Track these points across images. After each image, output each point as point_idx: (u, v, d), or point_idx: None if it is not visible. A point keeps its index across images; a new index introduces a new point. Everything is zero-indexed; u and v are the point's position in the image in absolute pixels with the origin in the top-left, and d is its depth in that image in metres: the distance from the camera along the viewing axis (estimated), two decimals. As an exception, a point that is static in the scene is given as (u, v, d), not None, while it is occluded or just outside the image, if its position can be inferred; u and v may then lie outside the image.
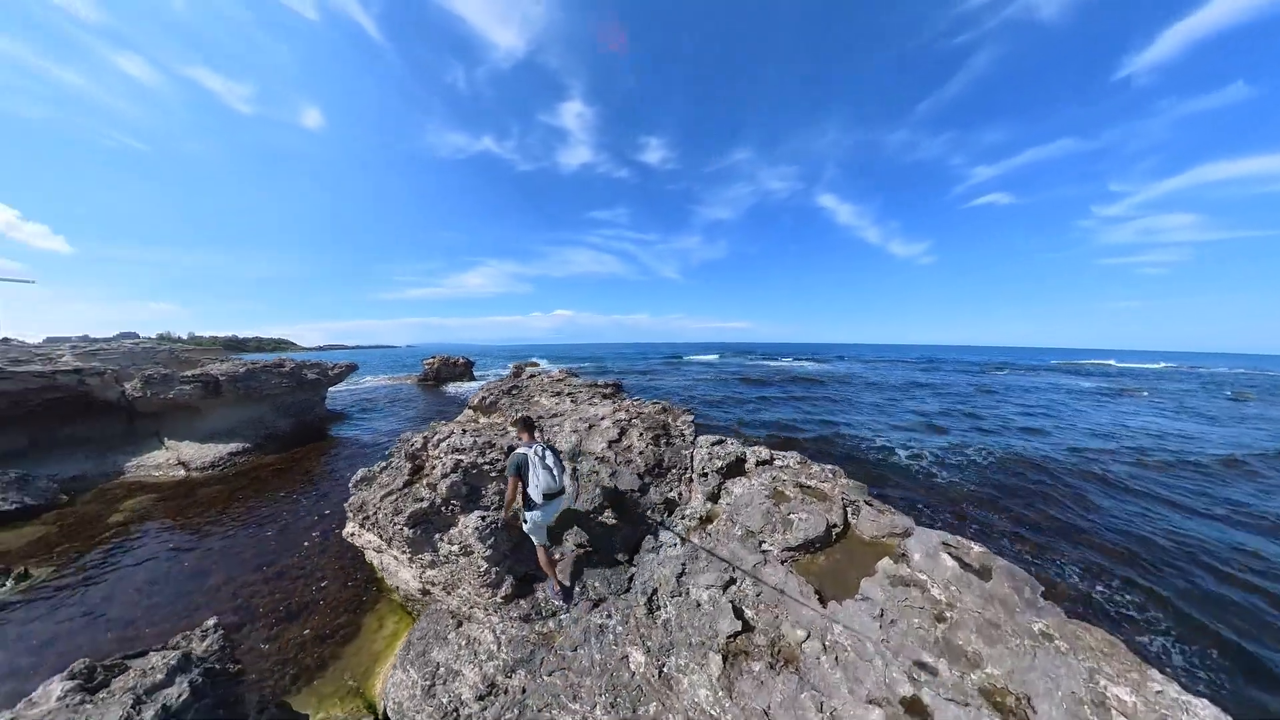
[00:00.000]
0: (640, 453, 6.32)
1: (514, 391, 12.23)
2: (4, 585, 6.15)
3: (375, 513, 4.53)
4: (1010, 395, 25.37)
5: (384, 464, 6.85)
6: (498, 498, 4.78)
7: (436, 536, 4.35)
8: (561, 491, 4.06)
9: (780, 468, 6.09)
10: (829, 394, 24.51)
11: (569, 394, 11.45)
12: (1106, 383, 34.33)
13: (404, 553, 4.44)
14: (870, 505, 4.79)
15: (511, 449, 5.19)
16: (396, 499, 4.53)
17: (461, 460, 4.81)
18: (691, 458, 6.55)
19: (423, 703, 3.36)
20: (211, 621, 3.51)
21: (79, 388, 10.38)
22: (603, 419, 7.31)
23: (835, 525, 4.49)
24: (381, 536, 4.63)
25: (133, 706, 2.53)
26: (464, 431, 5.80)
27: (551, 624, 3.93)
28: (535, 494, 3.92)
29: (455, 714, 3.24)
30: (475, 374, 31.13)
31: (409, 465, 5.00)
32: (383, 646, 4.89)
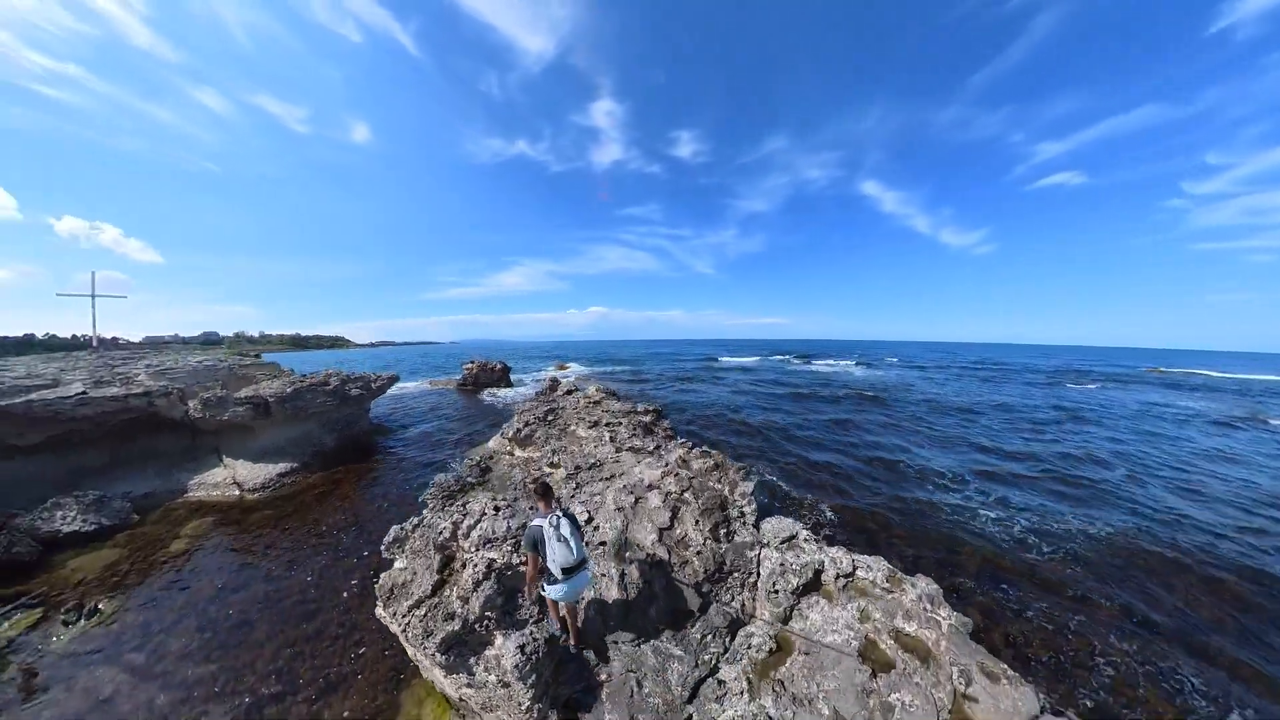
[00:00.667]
0: (698, 551, 5.52)
1: (550, 419, 11.87)
2: (80, 623, 6.42)
3: (405, 627, 4.15)
4: (1103, 423, 20.22)
5: (416, 522, 6.59)
6: (535, 607, 4.32)
7: (471, 660, 3.92)
8: (582, 563, 3.89)
9: (866, 585, 5.12)
10: (887, 417, 20.53)
11: (607, 424, 10.93)
12: (1220, 402, 27.25)
13: (438, 668, 4.04)
14: (987, 675, 3.85)
15: (526, 525, 4.86)
16: (426, 615, 4.11)
17: (494, 561, 4.42)
18: (758, 562, 5.61)
19: None
20: None
21: (149, 408, 10.99)
22: (650, 489, 6.60)
23: (944, 708, 3.62)
24: (413, 647, 4.26)
25: None
26: (495, 511, 5.38)
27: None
28: (554, 569, 3.78)
29: None
30: (512, 379, 31.48)
31: (438, 558, 4.62)
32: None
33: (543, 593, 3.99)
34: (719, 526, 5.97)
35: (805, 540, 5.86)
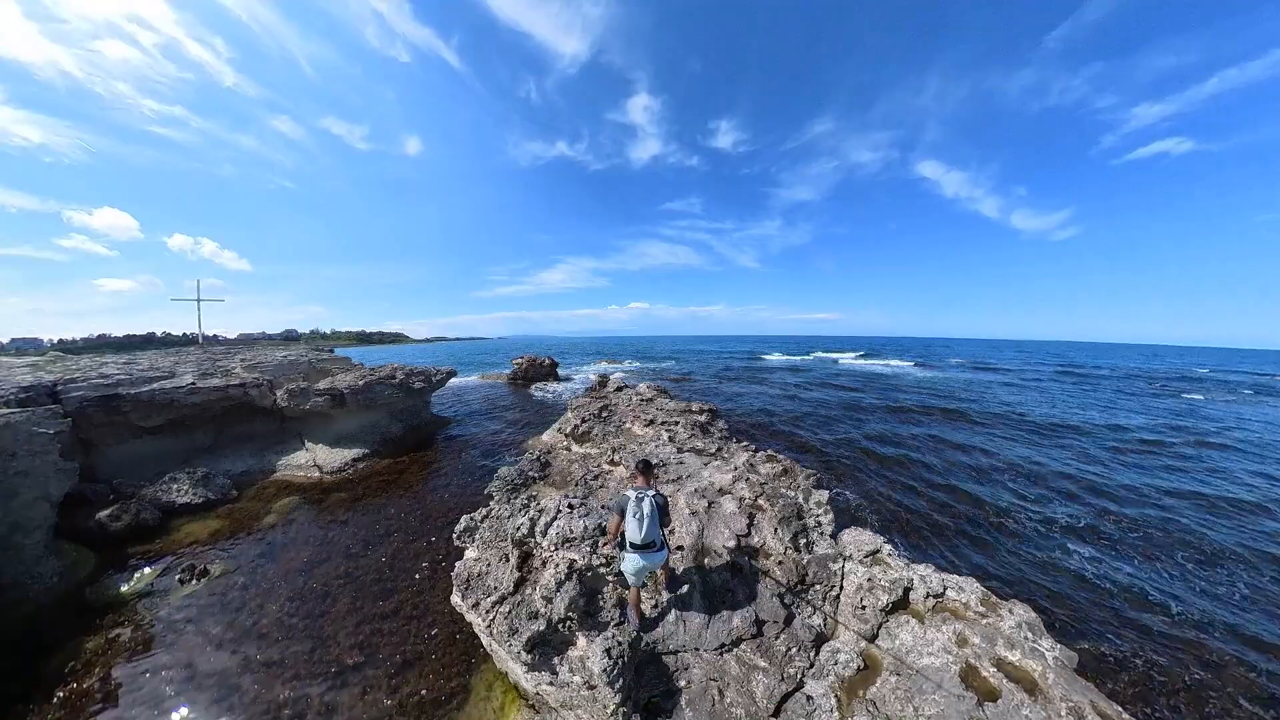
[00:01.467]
0: (779, 560, 5.27)
1: (605, 415, 11.86)
2: (193, 582, 7.14)
3: (490, 623, 4.16)
4: (1245, 449, 15.31)
5: (485, 514, 6.68)
6: (617, 610, 4.27)
7: (555, 660, 3.86)
8: (650, 545, 3.96)
9: (957, 607, 4.59)
10: (961, 436, 16.35)
11: (664, 423, 10.77)
12: None
13: (520, 665, 4.01)
14: (1101, 715, 3.25)
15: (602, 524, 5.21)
16: (511, 612, 4.14)
17: (575, 562, 4.53)
18: (841, 576, 5.28)
19: None
20: None
21: (244, 397, 12.15)
22: (722, 494, 6.45)
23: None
24: (496, 642, 4.27)
25: None
26: (570, 509, 5.35)
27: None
28: (628, 538, 3.99)
29: None
30: (560, 373, 32.18)
31: (517, 554, 4.66)
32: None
33: (616, 556, 4.26)
34: (798, 536, 5.68)
35: (890, 555, 5.48)
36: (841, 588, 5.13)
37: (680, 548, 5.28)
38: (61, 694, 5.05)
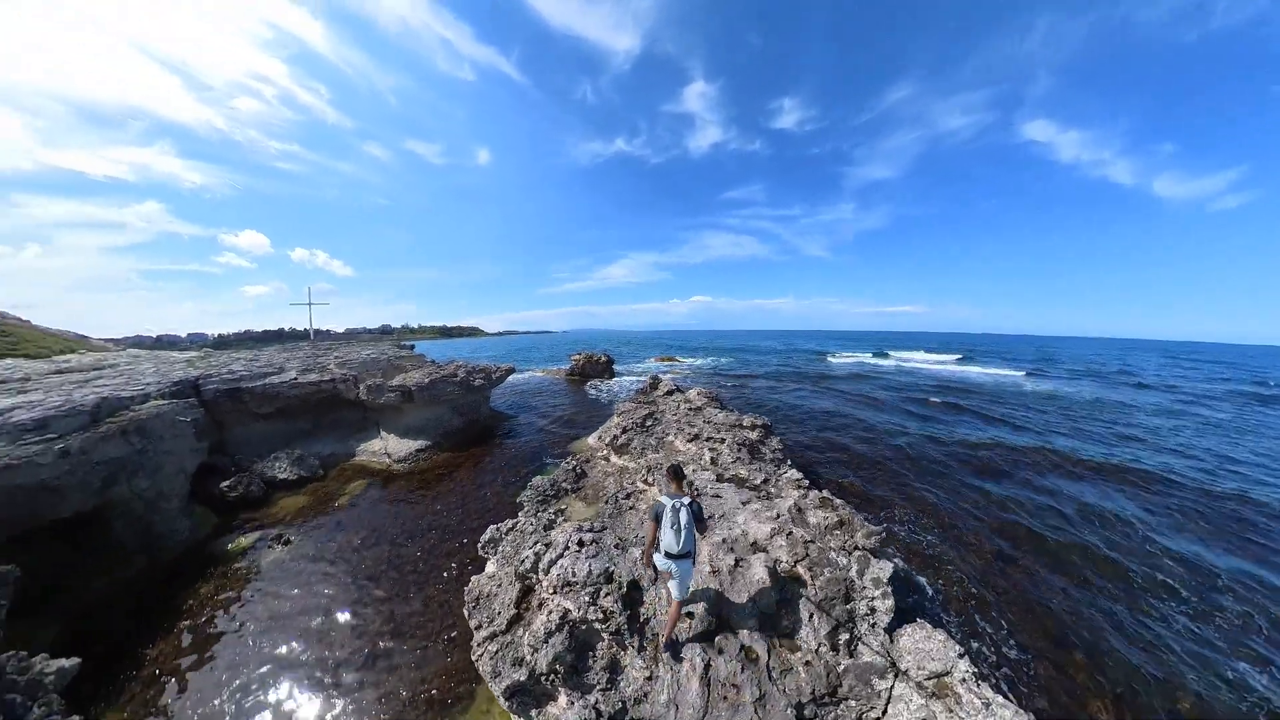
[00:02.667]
0: (807, 661, 4.29)
1: (649, 425, 11.75)
2: (278, 547, 8.46)
3: (478, 658, 4.31)
4: None
5: (510, 526, 6.93)
6: (605, 673, 4.16)
7: (534, 712, 3.88)
8: (685, 555, 4.05)
9: None
10: (1117, 505, 10.53)
11: (708, 438, 10.29)
12: None
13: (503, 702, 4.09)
14: None
15: (611, 568, 5.09)
16: (497, 653, 4.24)
17: (569, 613, 4.42)
18: (886, 700, 3.97)
19: None
20: None
21: (334, 390, 14.07)
22: (755, 550, 5.58)
23: None
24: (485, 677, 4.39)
25: None
26: (580, 547, 5.26)
27: None
28: (662, 545, 4.07)
29: None
30: (615, 369, 32.81)
31: (517, 589, 4.77)
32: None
33: (655, 559, 4.26)
34: (840, 629, 4.60)
35: (967, 682, 3.90)
36: (885, 715, 3.88)
37: (691, 615, 4.72)
38: (184, 622, 6.44)
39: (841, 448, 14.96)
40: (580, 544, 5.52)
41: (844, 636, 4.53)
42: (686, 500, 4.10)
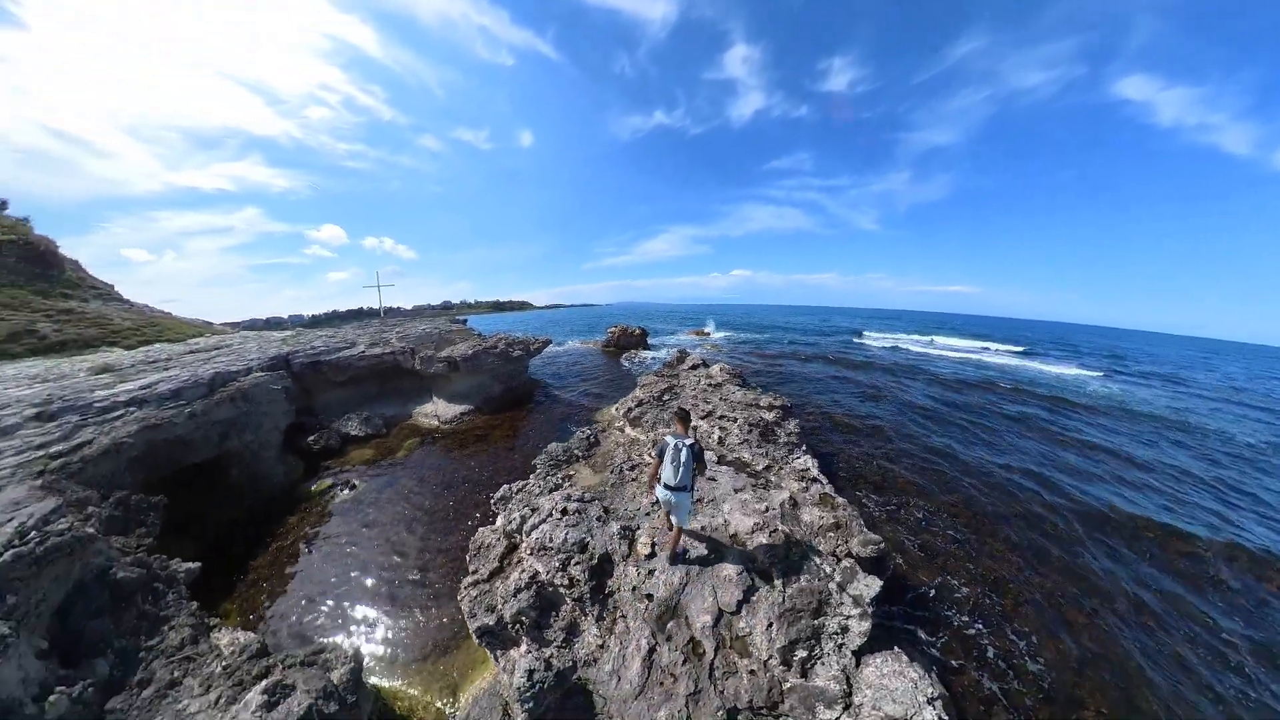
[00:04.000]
0: (752, 669, 4.10)
1: (665, 399, 12.17)
2: (347, 491, 10.37)
3: (462, 599, 5.10)
4: None
5: (520, 486, 7.70)
6: (563, 633, 4.71)
7: (498, 653, 4.67)
8: (682, 488, 4.61)
9: None
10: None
11: (721, 416, 10.39)
12: None
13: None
14: None
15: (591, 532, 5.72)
16: (476, 598, 4.98)
17: (539, 574, 4.98)
18: None
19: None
20: (350, 650, 4.70)
21: (395, 361, 16.10)
22: (732, 542, 5.36)
23: None
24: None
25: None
26: (562, 514, 5.80)
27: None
28: (663, 477, 4.68)
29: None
30: (649, 342, 33.21)
31: (503, 545, 5.53)
32: (479, 659, 5.79)
33: (657, 491, 4.89)
34: (800, 643, 4.22)
35: None
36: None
37: (649, 596, 4.82)
38: (276, 545, 8.37)
39: (857, 438, 13.31)
40: (564, 512, 5.92)
41: (801, 653, 4.17)
42: (689, 441, 4.59)
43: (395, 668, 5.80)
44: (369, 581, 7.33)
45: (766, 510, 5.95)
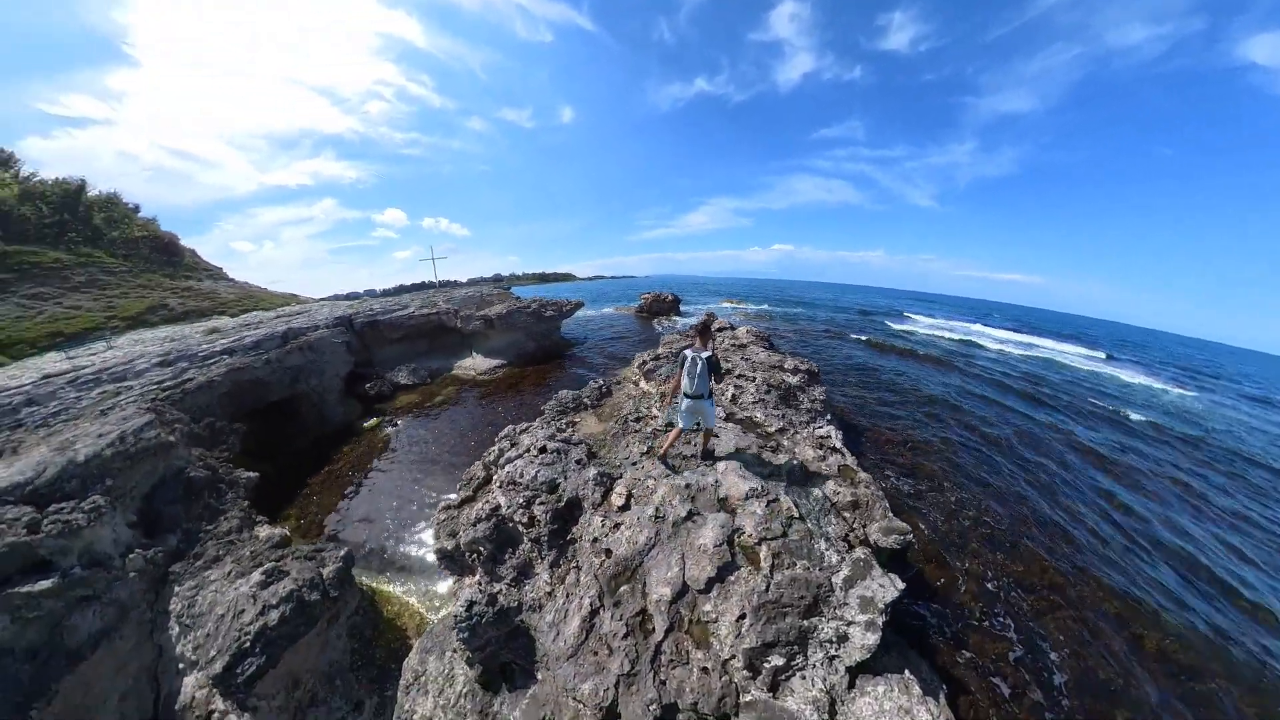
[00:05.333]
0: (706, 665, 3.35)
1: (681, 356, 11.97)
2: (395, 429, 11.88)
3: (432, 520, 5.60)
4: None
5: (524, 428, 8.08)
6: (514, 571, 4.63)
7: (454, 579, 5.13)
8: (700, 396, 4.78)
9: None
10: None
11: (740, 375, 9.57)
12: None
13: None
14: None
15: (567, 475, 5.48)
16: (444, 520, 5.36)
17: (500, 508, 4.91)
18: None
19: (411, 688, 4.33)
20: (343, 553, 5.50)
21: (440, 320, 17.58)
22: (719, 506, 4.48)
23: None
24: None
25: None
26: (541, 451, 5.60)
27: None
28: (683, 388, 4.88)
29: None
30: (682, 309, 32.42)
31: (481, 475, 5.76)
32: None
33: (671, 408, 5.26)
34: (776, 646, 3.28)
35: None
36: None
37: (609, 552, 4.21)
38: (331, 468, 9.94)
39: (911, 429, 11.13)
40: (542, 450, 5.62)
41: (775, 660, 3.23)
42: (706, 354, 4.77)
43: (394, 575, 6.79)
44: (395, 503, 8.49)
45: (769, 475, 4.94)
